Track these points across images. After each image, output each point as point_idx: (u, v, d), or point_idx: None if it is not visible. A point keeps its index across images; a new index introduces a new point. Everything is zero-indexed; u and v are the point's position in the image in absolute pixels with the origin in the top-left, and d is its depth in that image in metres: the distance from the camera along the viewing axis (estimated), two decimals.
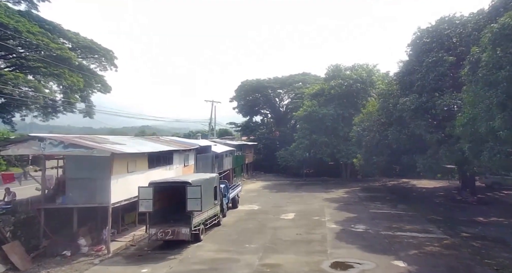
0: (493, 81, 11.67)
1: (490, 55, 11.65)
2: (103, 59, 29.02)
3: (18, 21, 21.20)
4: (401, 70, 22.52)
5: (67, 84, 23.59)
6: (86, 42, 27.44)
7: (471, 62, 13.88)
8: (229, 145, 36.24)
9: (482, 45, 13.45)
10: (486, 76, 12.12)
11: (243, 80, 52.27)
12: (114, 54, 29.63)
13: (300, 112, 38.16)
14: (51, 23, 25.31)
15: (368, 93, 37.00)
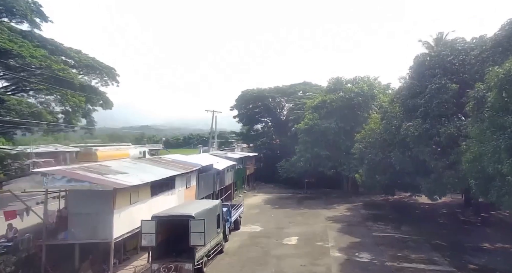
0: (500, 124, 11.55)
1: (496, 99, 11.57)
2: (104, 75, 28.93)
3: (21, 45, 21.13)
4: (404, 93, 22.38)
5: (69, 105, 23.49)
6: (88, 61, 27.47)
7: (476, 98, 13.79)
8: (231, 158, 36.06)
9: (487, 82, 13.35)
10: (493, 117, 12.03)
11: (244, 90, 52.24)
12: (116, 71, 29.61)
13: (302, 125, 38.07)
14: (53, 43, 25.32)
15: (369, 107, 36.93)
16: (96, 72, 28.47)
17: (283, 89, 50.90)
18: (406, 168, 22.57)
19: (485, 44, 16.86)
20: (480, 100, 13.66)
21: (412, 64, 22.34)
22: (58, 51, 25.23)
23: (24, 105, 20.49)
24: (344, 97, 36.52)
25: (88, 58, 27.75)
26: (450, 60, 19.54)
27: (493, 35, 16.14)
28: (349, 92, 36.46)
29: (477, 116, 13.96)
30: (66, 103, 23.20)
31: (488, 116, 12.19)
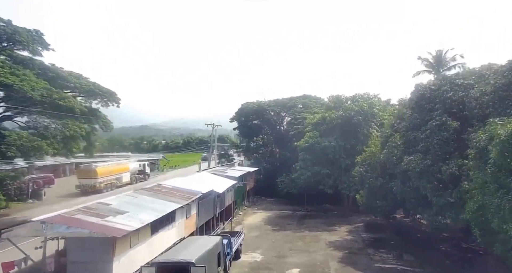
0: (503, 184, 11.48)
1: (498, 158, 11.49)
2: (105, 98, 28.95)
3: (23, 79, 21.04)
4: (405, 124, 22.33)
5: (69, 134, 23.42)
6: (88, 86, 27.48)
7: (477, 147, 13.70)
8: (231, 177, 35.87)
9: (488, 132, 13.30)
10: (495, 174, 11.94)
11: (244, 103, 52.16)
12: (116, 94, 29.61)
13: (302, 142, 38.00)
14: (54, 70, 25.45)
15: (369, 125, 36.86)
16: (97, 96, 28.39)
17: (283, 102, 50.85)
18: (408, 199, 22.57)
19: (485, 87, 16.81)
20: (482, 150, 13.58)
21: (412, 95, 22.25)
22: (59, 78, 25.24)
23: (24, 139, 20.38)
24: (344, 115, 36.43)
25: (88, 83, 27.80)
26: (450, 96, 19.49)
27: (493, 81, 16.12)
28: (349, 110, 36.39)
29: (479, 165, 13.88)
30: (67, 132, 23.07)
31: (491, 172, 12.10)
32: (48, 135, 22.19)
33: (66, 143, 24.44)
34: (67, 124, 23.37)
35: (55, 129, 23.00)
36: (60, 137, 23.16)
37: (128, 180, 48.59)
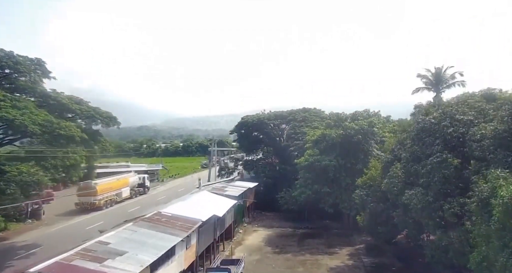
0: (508, 244, 11.42)
1: (502, 219, 11.47)
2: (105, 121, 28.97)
3: (23, 113, 20.96)
4: (406, 155, 22.27)
5: (69, 163, 23.38)
6: (89, 112, 27.40)
7: (480, 199, 13.66)
8: (231, 196, 35.75)
9: (489, 181, 13.29)
10: (500, 232, 11.90)
11: (244, 116, 52.16)
12: (117, 118, 29.60)
13: (302, 160, 37.93)
14: (55, 98, 25.26)
15: (369, 144, 36.77)
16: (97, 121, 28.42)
17: (282, 115, 50.80)
18: (409, 228, 22.56)
19: (486, 130, 16.78)
20: (484, 200, 13.55)
21: (412, 127, 22.22)
22: (59, 105, 25.14)
23: (24, 174, 20.30)
24: (344, 134, 36.36)
25: (89, 108, 27.84)
26: (450, 132, 19.44)
27: (493, 127, 16.07)
28: (349, 129, 36.29)
29: (482, 214, 13.85)
30: (67, 162, 23.03)
31: (495, 229, 12.05)
32: (48, 166, 22.11)
33: (67, 172, 24.38)
34: (67, 154, 23.29)
35: (55, 160, 22.90)
36: (61, 167, 23.09)
37: (127, 195, 48.58)
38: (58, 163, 22.79)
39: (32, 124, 20.40)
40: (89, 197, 39.52)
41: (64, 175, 24.70)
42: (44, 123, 21.14)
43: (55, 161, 22.88)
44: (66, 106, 25.59)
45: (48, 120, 21.77)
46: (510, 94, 27.40)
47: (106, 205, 42.07)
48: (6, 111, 19.90)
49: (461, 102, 29.51)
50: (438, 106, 31.74)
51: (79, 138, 25.43)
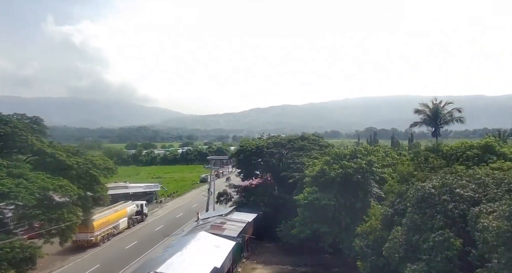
0: None
1: None
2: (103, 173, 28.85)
3: (19, 183, 20.73)
4: (407, 222, 22.07)
5: (65, 226, 23.13)
6: (86, 165, 27.44)
7: None
8: (230, 237, 35.53)
9: None
10: None
11: (243, 143, 51.95)
12: (116, 168, 29.49)
13: (301, 198, 37.71)
14: (52, 155, 25.60)
15: (369, 183, 36.63)
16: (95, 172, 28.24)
17: (281, 143, 50.70)
18: None
19: (488, 223, 16.60)
20: None
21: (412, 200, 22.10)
22: (56, 162, 24.89)
23: (17, 250, 20.02)
24: (343, 173, 36.21)
25: (86, 161, 27.58)
26: (451, 208, 19.28)
27: (496, 225, 15.90)
28: (348, 168, 36.14)
29: None
30: (63, 225, 22.76)
31: None
32: (42, 232, 21.86)
33: (62, 235, 24.12)
34: (62, 215, 23.03)
35: (50, 224, 22.65)
36: (56, 231, 22.85)
37: (125, 225, 48.32)
38: (52, 227, 22.59)
39: (28, 196, 20.18)
40: (86, 234, 39.11)
41: (59, 238, 24.40)
42: (40, 193, 20.91)
43: (49, 225, 22.67)
44: (63, 163, 25.36)
45: (44, 187, 21.54)
46: (507, 149, 27.34)
47: (103, 240, 41.77)
48: (1, 183, 19.65)
49: (461, 150, 29.38)
50: (437, 152, 31.67)
51: (76, 195, 25.22)
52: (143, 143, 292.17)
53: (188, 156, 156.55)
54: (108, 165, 29.00)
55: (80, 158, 27.14)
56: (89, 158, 27.90)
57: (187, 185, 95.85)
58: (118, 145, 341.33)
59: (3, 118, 23.05)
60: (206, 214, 45.24)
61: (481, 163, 26.87)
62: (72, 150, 27.82)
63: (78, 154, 28.00)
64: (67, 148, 27.77)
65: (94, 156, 29.83)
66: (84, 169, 26.70)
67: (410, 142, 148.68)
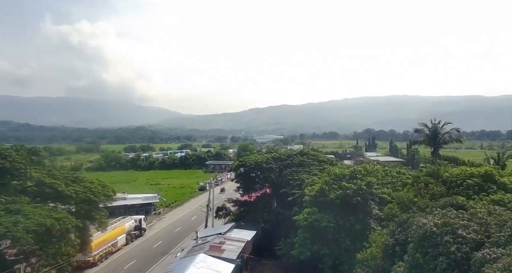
0: None
1: None
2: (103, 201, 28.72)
3: (17, 221, 20.49)
4: (407, 260, 21.92)
5: (62, 260, 22.87)
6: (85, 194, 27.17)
7: None
8: (229, 259, 35.35)
9: None
10: None
11: (242, 159, 51.72)
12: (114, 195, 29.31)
13: (301, 219, 37.56)
14: (51, 185, 25.30)
15: (368, 204, 36.55)
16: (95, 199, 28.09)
17: (281, 158, 50.51)
18: None
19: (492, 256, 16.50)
20: None
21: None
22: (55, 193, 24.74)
23: None
24: (343, 194, 36.09)
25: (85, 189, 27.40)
26: (453, 250, 19.11)
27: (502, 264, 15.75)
28: (348, 189, 36.03)
29: None
30: (60, 260, 22.52)
31: None
32: (40, 268, 21.64)
33: (60, 269, 23.87)
34: (60, 249, 22.80)
35: (47, 259, 22.41)
36: (51, 265, 22.62)
37: (123, 242, 48.03)
38: (50, 263, 22.36)
39: (25, 235, 19.95)
40: (83, 255, 38.80)
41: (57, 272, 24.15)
42: (38, 229, 20.69)
43: (47, 261, 22.43)
44: (62, 193, 25.16)
45: (42, 224, 21.31)
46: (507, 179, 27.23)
47: (101, 259, 41.45)
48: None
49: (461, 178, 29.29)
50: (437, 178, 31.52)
51: (74, 226, 25.00)
52: (142, 145, 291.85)
53: (186, 160, 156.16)
54: (107, 192, 28.79)
55: (78, 186, 26.93)
56: (87, 186, 27.70)
57: (186, 193, 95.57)
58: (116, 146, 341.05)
59: (2, 152, 22.89)
60: (205, 231, 45.01)
61: (481, 192, 26.76)
62: (71, 177, 27.62)
63: (77, 181, 27.81)
64: (65, 175, 27.57)
65: (93, 182, 29.58)
66: (82, 197, 26.51)
67: (409, 148, 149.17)
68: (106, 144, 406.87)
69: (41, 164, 24.71)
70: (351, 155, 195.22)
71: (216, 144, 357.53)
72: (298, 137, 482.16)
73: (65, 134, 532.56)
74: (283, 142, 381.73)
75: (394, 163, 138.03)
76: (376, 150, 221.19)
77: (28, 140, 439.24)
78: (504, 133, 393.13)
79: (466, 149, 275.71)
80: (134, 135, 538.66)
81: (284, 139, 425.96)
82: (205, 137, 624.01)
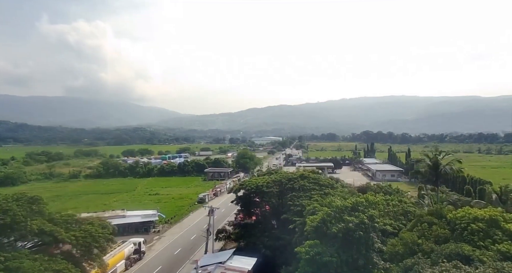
0: None
1: None
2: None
3: None
4: None
5: None
6: (85, 239, 26.77)
7: None
8: None
9: None
10: None
11: (242, 182, 51.36)
12: (111, 235, 28.86)
13: (302, 251, 37.29)
14: (51, 233, 24.61)
15: (371, 238, 36.29)
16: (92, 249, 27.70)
17: (281, 182, 50.18)
18: None
19: None
20: None
21: None
22: (55, 240, 24.22)
23: None
24: (345, 228, 35.85)
25: (85, 233, 27.01)
26: None
27: None
28: (350, 223, 35.79)
29: None
30: None
31: None
32: None
33: None
34: None
35: None
36: None
37: (123, 268, 47.64)
38: None
39: None
40: None
41: None
42: None
43: None
44: (62, 240, 24.79)
45: None
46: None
47: None
48: None
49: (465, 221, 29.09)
50: (440, 218, 31.30)
51: None
52: (140, 148, 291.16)
53: (185, 167, 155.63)
54: (107, 234, 28.43)
55: (78, 231, 26.54)
56: (87, 229, 27.30)
57: (185, 205, 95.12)
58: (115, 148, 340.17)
59: (3, 206, 22.56)
60: (205, 258, 44.66)
61: (487, 238, 26.55)
62: (71, 220, 27.25)
63: (77, 222, 27.45)
64: (65, 218, 27.20)
65: (93, 224, 29.17)
66: (83, 244, 26.14)
67: (408, 157, 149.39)
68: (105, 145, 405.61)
69: (41, 213, 24.36)
70: (350, 161, 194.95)
71: (214, 146, 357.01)
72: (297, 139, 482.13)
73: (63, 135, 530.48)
74: (282, 145, 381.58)
75: (393, 172, 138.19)
76: (375, 155, 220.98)
77: (26, 141, 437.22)
78: (502, 136, 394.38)
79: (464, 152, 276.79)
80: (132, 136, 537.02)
81: (282, 141, 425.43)
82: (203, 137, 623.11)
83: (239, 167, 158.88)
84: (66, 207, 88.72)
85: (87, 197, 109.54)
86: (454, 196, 44.10)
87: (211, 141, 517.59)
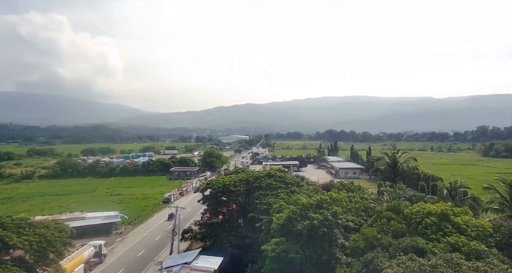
0: None
1: None
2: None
3: None
4: None
5: None
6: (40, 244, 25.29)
7: None
8: None
9: None
10: None
11: (208, 181, 50.87)
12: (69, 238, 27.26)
13: (268, 248, 37.72)
14: None
15: (334, 234, 37.51)
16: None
17: (248, 181, 50.34)
18: None
19: None
20: None
21: None
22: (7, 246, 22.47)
23: None
24: (310, 225, 36.74)
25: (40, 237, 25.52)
26: None
27: None
28: (315, 220, 36.73)
29: None
30: None
31: None
32: None
33: None
34: None
35: None
36: None
37: None
38: None
39: None
40: None
41: None
42: None
43: None
44: (13, 245, 23.05)
45: None
46: (460, 219, 29.17)
47: None
48: None
49: (420, 216, 30.67)
50: (398, 213, 32.84)
51: None
52: (101, 147, 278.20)
53: (150, 167, 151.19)
54: (65, 238, 26.78)
55: (32, 236, 24.79)
56: (42, 233, 25.57)
57: (149, 205, 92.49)
58: (73, 146, 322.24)
59: None
60: (170, 259, 43.77)
61: (438, 231, 28.37)
62: (23, 224, 25.37)
63: (31, 226, 25.62)
64: (17, 222, 25.27)
65: (48, 227, 27.41)
66: (36, 248, 24.47)
67: (368, 155, 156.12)
68: (62, 143, 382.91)
69: None
70: (315, 159, 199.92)
71: (180, 145, 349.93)
72: (263, 137, 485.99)
73: (14, 133, 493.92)
74: (248, 143, 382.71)
75: (355, 170, 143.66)
76: (338, 154, 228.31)
77: None
78: (451, 134, 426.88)
79: (419, 150, 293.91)
80: (92, 134, 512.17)
81: (249, 140, 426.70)
82: (168, 136, 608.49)
83: (205, 166, 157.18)
84: (18, 209, 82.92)
85: (42, 198, 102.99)
86: (410, 192, 47.10)
87: (177, 140, 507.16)
